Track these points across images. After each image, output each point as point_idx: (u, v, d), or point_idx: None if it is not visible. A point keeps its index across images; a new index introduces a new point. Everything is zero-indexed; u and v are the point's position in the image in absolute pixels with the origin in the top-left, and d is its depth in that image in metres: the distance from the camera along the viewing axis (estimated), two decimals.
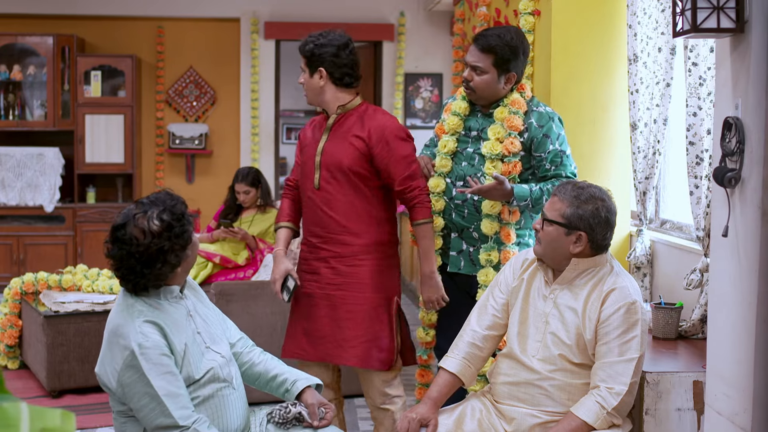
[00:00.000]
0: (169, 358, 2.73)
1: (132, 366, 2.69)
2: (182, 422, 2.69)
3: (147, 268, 2.75)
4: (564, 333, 3.01)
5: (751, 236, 2.70)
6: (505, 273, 3.25)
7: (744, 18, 2.70)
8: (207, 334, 2.92)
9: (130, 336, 2.70)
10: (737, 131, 2.72)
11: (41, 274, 5.82)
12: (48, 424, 1.15)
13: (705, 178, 3.64)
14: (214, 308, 3.09)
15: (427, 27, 9.16)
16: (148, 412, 2.70)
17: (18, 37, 8.69)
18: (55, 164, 8.69)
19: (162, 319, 2.77)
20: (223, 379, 2.88)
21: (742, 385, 2.75)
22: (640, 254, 4.35)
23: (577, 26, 4.66)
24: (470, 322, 3.24)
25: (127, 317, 2.75)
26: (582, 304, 3.01)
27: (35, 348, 5.45)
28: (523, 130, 3.68)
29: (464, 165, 3.78)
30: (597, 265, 3.04)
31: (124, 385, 2.71)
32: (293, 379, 3.05)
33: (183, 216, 2.82)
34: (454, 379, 3.17)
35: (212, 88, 9.27)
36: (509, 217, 3.70)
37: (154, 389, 2.67)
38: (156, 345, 2.71)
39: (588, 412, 2.89)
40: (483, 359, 3.21)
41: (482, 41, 3.68)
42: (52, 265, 8.09)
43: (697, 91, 3.64)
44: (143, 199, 2.85)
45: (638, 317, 2.95)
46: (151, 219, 2.75)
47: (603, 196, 3.03)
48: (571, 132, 4.69)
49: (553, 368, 3.01)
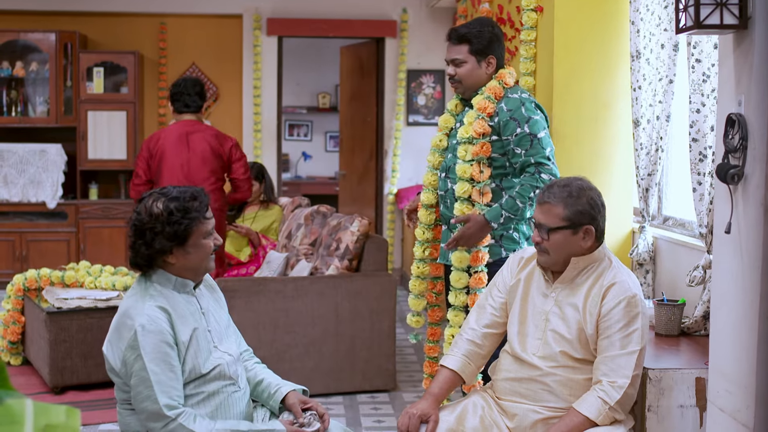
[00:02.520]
0: (171, 348, 2.77)
1: (133, 346, 2.75)
2: (166, 411, 2.73)
3: (138, 240, 2.84)
4: (565, 329, 3.02)
5: (753, 233, 2.69)
6: (503, 273, 3.25)
7: (747, 14, 2.69)
8: (217, 333, 2.95)
9: (136, 317, 2.77)
10: (740, 128, 2.71)
11: (44, 271, 5.82)
12: (52, 420, 1.15)
13: (708, 175, 3.64)
14: (228, 316, 3.13)
15: (429, 23, 9.15)
16: (136, 395, 2.77)
17: (20, 33, 8.69)
18: (57, 161, 8.69)
19: (172, 306, 2.82)
20: (229, 377, 2.91)
21: (744, 381, 2.75)
22: (642, 251, 4.35)
23: (579, 23, 4.66)
24: (469, 321, 3.25)
25: (138, 300, 2.82)
26: (582, 299, 3.01)
27: (38, 344, 5.45)
28: (494, 115, 3.75)
29: (449, 156, 3.93)
30: (596, 261, 3.05)
31: (126, 365, 2.77)
32: (276, 384, 3.08)
33: (187, 212, 2.84)
34: (455, 376, 3.17)
35: (215, 84, 9.26)
36: (480, 198, 3.73)
37: (147, 373, 2.73)
38: (159, 331, 2.76)
39: (590, 407, 2.89)
40: (483, 357, 3.22)
41: (453, 34, 3.89)
42: (55, 261, 8.09)
43: (701, 87, 3.63)
44: (174, 186, 2.94)
45: (639, 310, 2.96)
46: (157, 202, 2.84)
47: (589, 185, 3.06)
48: (574, 128, 4.69)
49: (555, 365, 3.02)
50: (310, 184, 12.25)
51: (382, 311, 5.26)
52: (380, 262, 5.36)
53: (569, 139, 4.68)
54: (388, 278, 5.30)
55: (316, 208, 5.87)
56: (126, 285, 5.69)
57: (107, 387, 5.26)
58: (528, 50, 4.93)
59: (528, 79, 4.94)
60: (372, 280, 5.26)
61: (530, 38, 4.91)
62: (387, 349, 5.29)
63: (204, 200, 2.91)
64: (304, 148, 12.67)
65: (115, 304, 5.37)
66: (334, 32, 9.19)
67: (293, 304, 5.12)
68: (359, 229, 5.32)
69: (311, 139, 12.68)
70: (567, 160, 4.68)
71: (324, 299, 5.17)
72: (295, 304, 5.13)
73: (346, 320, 5.21)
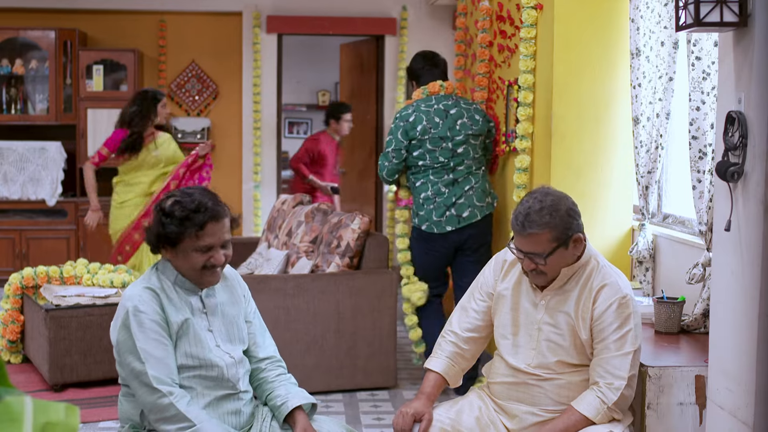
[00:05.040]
0: (160, 326, 2.82)
1: (125, 326, 2.82)
2: (156, 384, 2.76)
3: (152, 221, 2.93)
4: (559, 337, 3.00)
5: (753, 230, 2.69)
6: (485, 275, 3.21)
7: (747, 12, 2.69)
8: (220, 333, 2.96)
9: (129, 299, 2.84)
10: (740, 125, 2.71)
11: (40, 268, 5.82)
12: (52, 418, 1.15)
13: (708, 173, 3.64)
14: (260, 319, 3.14)
15: (429, 21, 9.15)
16: (128, 372, 2.81)
17: (20, 31, 8.68)
18: (57, 158, 8.68)
19: (164, 292, 2.88)
20: (227, 379, 2.92)
21: (744, 379, 2.75)
22: (642, 248, 4.35)
23: (579, 20, 4.65)
24: (451, 322, 3.23)
25: (137, 283, 2.91)
26: (574, 305, 2.99)
27: (37, 342, 5.45)
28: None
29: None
30: (582, 265, 3.02)
31: (119, 344, 2.84)
32: (284, 396, 3.01)
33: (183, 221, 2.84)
34: (440, 378, 3.18)
35: (214, 82, 9.26)
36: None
37: (138, 351, 2.78)
38: (150, 311, 2.82)
39: (588, 407, 2.89)
40: (468, 360, 3.22)
41: None
42: (55, 259, 8.09)
43: (701, 85, 3.63)
44: (195, 188, 2.97)
45: (630, 311, 2.94)
46: (167, 200, 2.91)
47: (557, 193, 2.98)
48: (573, 126, 4.69)
49: (551, 373, 3.01)
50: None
51: (382, 309, 5.26)
52: (381, 259, 5.37)
53: (569, 137, 4.68)
54: (389, 276, 5.30)
55: (317, 206, 5.87)
56: (125, 282, 5.69)
57: (107, 384, 5.26)
58: (528, 48, 4.92)
59: (528, 77, 4.93)
60: (373, 277, 5.26)
61: (530, 36, 4.90)
62: (387, 346, 5.29)
63: (208, 215, 2.85)
64: None
65: (114, 301, 5.37)
66: (334, 30, 9.19)
67: (294, 301, 5.12)
68: (360, 226, 5.32)
69: None
70: (567, 158, 4.68)
71: (325, 297, 5.17)
72: (296, 301, 5.13)
73: (347, 318, 5.21)
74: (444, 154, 5.15)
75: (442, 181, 5.16)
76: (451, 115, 5.21)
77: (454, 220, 5.15)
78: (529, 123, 4.95)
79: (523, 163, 4.93)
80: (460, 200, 5.15)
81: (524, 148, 4.95)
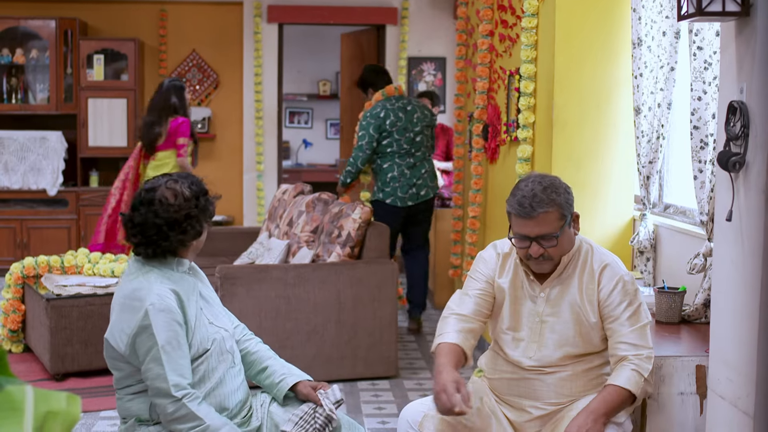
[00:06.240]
0: (180, 327, 2.80)
1: (144, 326, 2.77)
2: (174, 391, 2.75)
3: (172, 230, 2.84)
4: (563, 327, 2.99)
5: (754, 220, 2.69)
6: (483, 260, 3.12)
7: (749, 1, 2.68)
8: (209, 310, 2.98)
9: (146, 297, 2.78)
10: (742, 115, 2.71)
11: (41, 258, 5.82)
12: (53, 407, 1.15)
13: (709, 163, 3.63)
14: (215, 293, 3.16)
15: (430, 10, 9.13)
16: (147, 371, 2.78)
17: (20, 20, 8.67)
18: (58, 148, 8.68)
19: (179, 287, 2.86)
20: (227, 350, 2.94)
21: (745, 369, 2.75)
22: (643, 238, 4.35)
23: (580, 10, 4.64)
24: (450, 306, 3.09)
25: (144, 282, 2.83)
26: (577, 291, 2.98)
27: (39, 331, 5.46)
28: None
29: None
30: (578, 248, 3.01)
31: (136, 347, 2.79)
32: (282, 373, 3.06)
33: (208, 192, 2.95)
34: (457, 347, 2.96)
35: (215, 71, 9.25)
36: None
37: (159, 351, 2.75)
38: (169, 309, 2.78)
39: (628, 381, 2.86)
40: (474, 336, 3.04)
41: None
42: (56, 248, 8.10)
43: (702, 75, 3.62)
44: (168, 173, 2.99)
45: (636, 287, 2.98)
46: (183, 185, 2.89)
47: (551, 176, 2.98)
48: (574, 116, 4.68)
49: (554, 368, 3.00)
50: (310, 171, 12.24)
51: (383, 298, 5.26)
52: (382, 249, 5.37)
53: (570, 127, 4.67)
54: (390, 265, 5.30)
55: (318, 196, 5.87)
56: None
57: (108, 374, 5.25)
58: (529, 37, 4.91)
59: (529, 67, 4.92)
60: (374, 267, 5.26)
61: (531, 25, 4.89)
62: (388, 336, 5.29)
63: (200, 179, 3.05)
64: (305, 136, 12.66)
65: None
66: (334, 19, 9.17)
67: (295, 291, 5.13)
68: (361, 216, 5.32)
69: (312, 127, 12.67)
70: (568, 148, 4.67)
71: (325, 286, 5.17)
72: (297, 291, 5.13)
73: (348, 307, 5.21)
74: (407, 142, 6.36)
75: (405, 164, 6.37)
76: (408, 111, 6.40)
77: (414, 197, 6.40)
78: (531, 113, 4.94)
79: (525, 153, 4.93)
80: (419, 181, 6.41)
81: (525, 137, 4.94)
